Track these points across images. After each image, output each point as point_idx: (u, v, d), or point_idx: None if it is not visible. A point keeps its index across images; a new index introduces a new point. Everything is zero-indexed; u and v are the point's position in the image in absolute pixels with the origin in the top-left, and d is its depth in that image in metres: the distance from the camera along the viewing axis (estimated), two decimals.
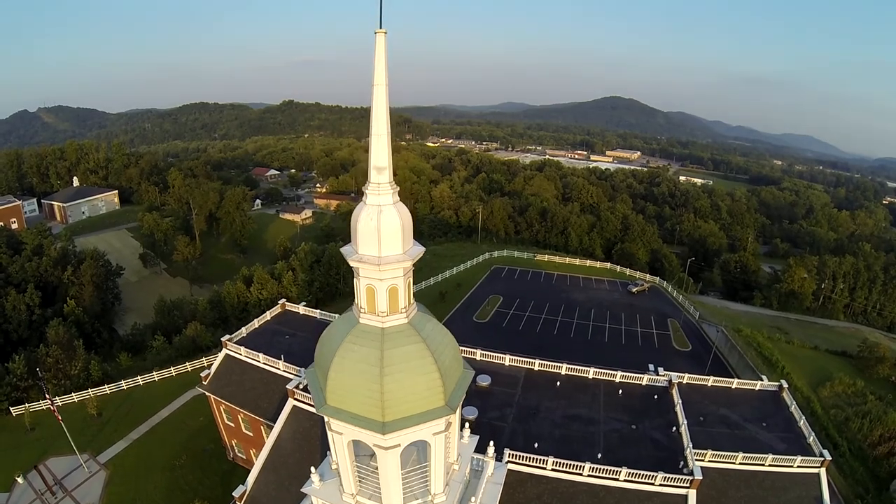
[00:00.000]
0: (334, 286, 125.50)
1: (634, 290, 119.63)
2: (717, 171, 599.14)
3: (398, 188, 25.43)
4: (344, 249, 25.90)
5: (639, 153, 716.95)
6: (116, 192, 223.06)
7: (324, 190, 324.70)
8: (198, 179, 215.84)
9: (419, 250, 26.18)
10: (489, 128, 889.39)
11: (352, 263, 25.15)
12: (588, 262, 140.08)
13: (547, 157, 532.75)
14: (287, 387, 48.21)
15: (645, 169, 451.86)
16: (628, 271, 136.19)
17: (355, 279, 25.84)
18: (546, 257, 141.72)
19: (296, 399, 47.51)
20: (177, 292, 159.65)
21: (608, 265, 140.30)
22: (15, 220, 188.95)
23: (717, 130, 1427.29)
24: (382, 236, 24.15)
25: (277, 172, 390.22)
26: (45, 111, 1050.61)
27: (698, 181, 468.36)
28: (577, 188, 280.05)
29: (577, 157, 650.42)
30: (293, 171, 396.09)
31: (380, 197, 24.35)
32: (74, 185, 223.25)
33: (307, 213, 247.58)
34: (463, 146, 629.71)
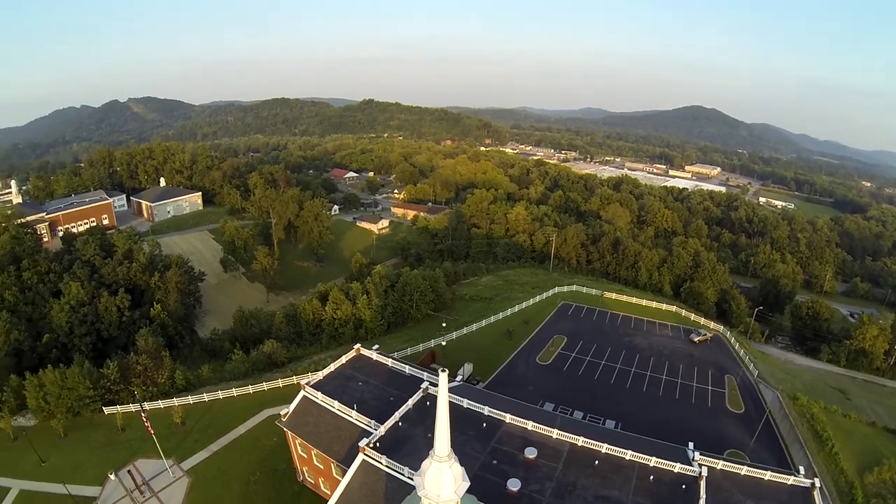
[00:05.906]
0: (406, 311, 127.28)
1: (697, 339, 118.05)
2: (799, 192, 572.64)
3: (454, 456, 37.80)
4: (416, 482, 39.25)
5: (719, 169, 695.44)
6: (200, 193, 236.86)
7: (401, 197, 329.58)
8: (278, 189, 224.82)
9: (465, 486, 38.37)
10: (568, 136, 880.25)
11: (419, 494, 38.02)
12: (654, 304, 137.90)
13: (625, 171, 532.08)
14: (359, 444, 53.22)
15: (724, 189, 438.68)
16: (692, 316, 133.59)
17: (423, 499, 38.10)
18: (613, 296, 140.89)
19: (366, 455, 52.38)
20: (254, 297, 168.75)
21: (674, 308, 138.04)
22: (106, 216, 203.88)
23: (802, 145, 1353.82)
24: (442, 486, 37.24)
25: (356, 175, 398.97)
26: (134, 101, 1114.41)
27: (779, 204, 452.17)
28: (652, 211, 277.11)
29: (655, 171, 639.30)
30: (371, 174, 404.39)
31: (441, 465, 37.03)
32: (161, 184, 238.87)
33: (384, 222, 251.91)
34: (541, 155, 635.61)
